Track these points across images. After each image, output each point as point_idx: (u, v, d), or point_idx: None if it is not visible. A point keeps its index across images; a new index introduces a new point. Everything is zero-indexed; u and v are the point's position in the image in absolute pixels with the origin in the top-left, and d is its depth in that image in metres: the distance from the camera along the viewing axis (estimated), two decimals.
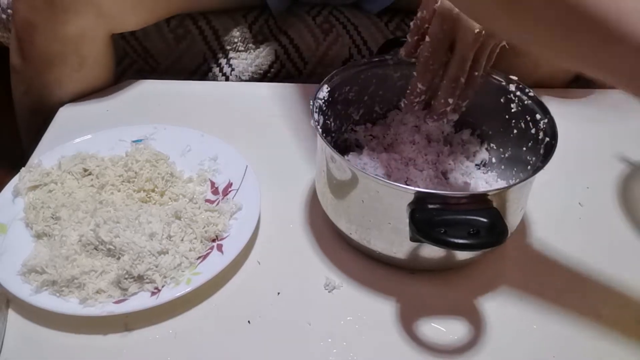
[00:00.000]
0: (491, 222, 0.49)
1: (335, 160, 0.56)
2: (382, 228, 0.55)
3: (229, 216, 0.63)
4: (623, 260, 0.63)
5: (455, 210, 0.50)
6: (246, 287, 0.59)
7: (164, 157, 0.68)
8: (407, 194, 0.51)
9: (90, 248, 0.57)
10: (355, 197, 0.56)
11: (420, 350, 0.54)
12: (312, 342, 0.54)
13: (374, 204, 0.54)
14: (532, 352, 0.54)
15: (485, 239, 0.48)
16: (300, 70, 0.91)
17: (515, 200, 0.55)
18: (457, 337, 0.55)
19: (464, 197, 0.51)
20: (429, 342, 0.54)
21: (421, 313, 0.56)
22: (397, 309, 0.57)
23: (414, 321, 0.56)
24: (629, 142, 0.77)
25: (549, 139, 0.58)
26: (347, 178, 0.55)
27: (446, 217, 0.49)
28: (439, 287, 0.59)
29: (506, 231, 0.48)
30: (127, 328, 0.54)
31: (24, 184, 0.64)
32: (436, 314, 0.56)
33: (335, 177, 0.57)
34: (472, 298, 0.58)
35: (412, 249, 0.55)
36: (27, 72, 0.80)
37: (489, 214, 0.49)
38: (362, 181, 0.54)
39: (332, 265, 0.61)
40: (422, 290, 0.58)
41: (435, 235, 0.48)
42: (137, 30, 0.89)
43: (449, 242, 0.48)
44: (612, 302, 0.58)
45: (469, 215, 0.49)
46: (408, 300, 0.58)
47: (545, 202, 0.68)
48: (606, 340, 0.55)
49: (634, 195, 0.70)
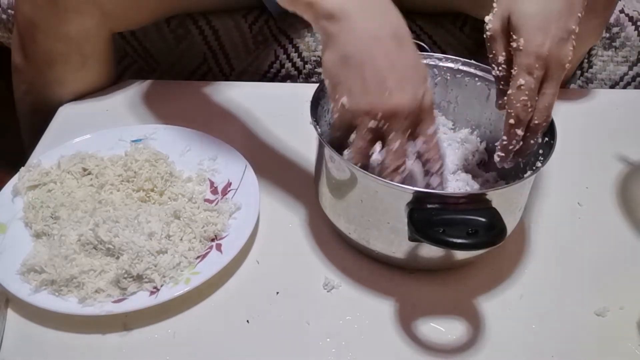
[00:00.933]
0: (490, 221, 0.49)
1: (335, 160, 0.56)
2: (381, 228, 0.55)
3: (228, 216, 0.63)
4: (622, 260, 0.63)
5: (453, 210, 0.50)
6: (245, 286, 0.59)
7: (164, 157, 0.68)
8: (406, 194, 0.51)
9: (89, 247, 0.57)
10: (354, 197, 0.56)
11: (419, 349, 0.54)
12: (311, 342, 0.54)
13: (373, 203, 0.54)
14: (531, 352, 0.54)
15: (484, 239, 0.48)
16: (300, 70, 0.91)
17: (513, 200, 0.55)
18: (456, 336, 0.55)
19: (462, 197, 0.51)
20: (428, 341, 0.54)
21: (420, 313, 0.56)
22: (395, 309, 0.57)
23: (413, 321, 0.56)
24: (628, 142, 0.77)
25: (547, 139, 0.58)
26: (346, 178, 0.55)
27: (445, 217, 0.50)
28: (438, 287, 0.59)
29: (505, 231, 0.48)
30: (126, 327, 0.54)
31: (23, 184, 0.64)
32: (435, 313, 0.56)
33: (334, 177, 0.57)
34: (470, 298, 0.58)
35: (410, 248, 0.55)
36: (28, 71, 0.80)
37: (487, 214, 0.49)
38: (361, 181, 0.54)
39: (331, 265, 0.61)
40: (421, 290, 0.58)
41: (433, 235, 0.48)
42: (137, 31, 0.89)
43: (448, 242, 0.48)
44: (612, 301, 0.58)
45: (467, 215, 0.49)
46: (407, 299, 0.58)
47: (544, 202, 0.68)
48: (606, 340, 0.55)
49: (633, 195, 0.70)
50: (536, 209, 0.67)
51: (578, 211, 0.68)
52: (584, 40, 0.81)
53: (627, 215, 0.67)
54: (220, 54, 0.91)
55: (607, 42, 0.92)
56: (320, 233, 0.64)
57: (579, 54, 0.85)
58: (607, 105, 0.85)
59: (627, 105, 0.85)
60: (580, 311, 0.57)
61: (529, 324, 0.56)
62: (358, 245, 0.60)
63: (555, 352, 0.54)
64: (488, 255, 0.61)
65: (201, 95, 0.84)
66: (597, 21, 0.78)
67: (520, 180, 0.54)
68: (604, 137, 0.79)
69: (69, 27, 0.73)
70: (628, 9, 0.91)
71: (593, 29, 0.79)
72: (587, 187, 0.71)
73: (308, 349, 0.54)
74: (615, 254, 0.63)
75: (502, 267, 0.61)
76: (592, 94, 0.87)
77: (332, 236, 0.63)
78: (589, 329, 0.56)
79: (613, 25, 0.91)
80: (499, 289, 0.59)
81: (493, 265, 0.61)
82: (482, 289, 0.59)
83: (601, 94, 0.88)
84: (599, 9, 0.77)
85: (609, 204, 0.69)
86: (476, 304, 0.57)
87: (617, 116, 0.83)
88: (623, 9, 0.90)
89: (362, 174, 0.53)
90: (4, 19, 0.88)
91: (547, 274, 0.61)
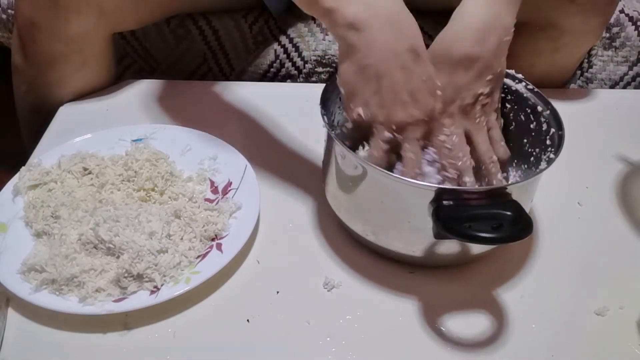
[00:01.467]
0: (515, 214, 0.49)
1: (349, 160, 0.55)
2: (401, 228, 0.56)
3: (229, 215, 0.63)
4: (622, 259, 0.63)
5: (477, 205, 0.51)
6: (245, 286, 0.59)
7: (164, 157, 0.68)
8: (429, 192, 0.51)
9: (89, 247, 0.57)
10: (373, 198, 0.56)
11: (418, 349, 0.54)
12: (311, 341, 0.54)
13: (393, 204, 0.54)
14: (531, 351, 0.54)
15: (511, 232, 0.49)
16: (300, 70, 0.91)
17: (529, 193, 0.56)
18: (457, 336, 0.55)
19: (484, 192, 0.52)
20: (428, 340, 0.54)
21: (419, 312, 0.57)
22: (395, 308, 0.57)
23: (412, 320, 0.56)
24: (628, 142, 0.77)
25: (554, 130, 0.58)
26: (364, 179, 0.55)
27: (471, 213, 0.50)
28: (437, 286, 0.59)
29: (531, 223, 0.49)
30: (127, 327, 0.54)
31: (24, 183, 0.64)
32: (435, 312, 0.56)
33: (350, 179, 0.57)
34: (471, 297, 0.58)
35: (430, 246, 0.56)
36: (29, 71, 0.80)
37: (511, 207, 0.50)
38: (382, 181, 0.54)
39: (331, 264, 0.61)
40: (420, 289, 0.58)
41: (462, 230, 0.49)
42: (138, 31, 0.89)
43: (478, 237, 0.48)
44: (612, 301, 0.58)
45: (491, 209, 0.50)
46: (406, 299, 0.58)
47: (544, 202, 0.68)
48: (605, 340, 0.55)
49: (633, 195, 0.70)
50: (536, 209, 0.67)
51: (578, 211, 0.68)
52: (584, 40, 0.81)
53: (627, 215, 0.67)
54: (220, 54, 0.91)
55: (607, 42, 0.92)
56: (321, 232, 0.64)
57: (579, 54, 0.86)
58: (607, 105, 0.85)
59: (627, 105, 0.85)
60: (580, 311, 0.57)
61: (528, 323, 0.56)
62: (374, 247, 0.60)
63: (554, 351, 0.54)
64: (490, 256, 0.61)
65: (201, 94, 0.84)
66: (598, 21, 0.79)
67: (537, 173, 0.54)
68: (604, 137, 0.79)
69: (69, 27, 0.73)
70: (628, 9, 0.91)
71: (593, 29, 0.79)
72: (587, 187, 0.71)
73: (308, 348, 0.54)
74: (615, 253, 0.63)
75: (502, 267, 0.61)
76: (592, 94, 0.87)
77: (332, 236, 0.63)
78: (589, 329, 0.56)
79: (613, 25, 0.91)
80: (499, 288, 0.59)
81: (493, 265, 0.61)
82: (481, 289, 0.59)
83: (601, 94, 0.88)
84: (599, 9, 0.77)
85: (609, 204, 0.69)
86: (476, 305, 0.57)
87: (617, 116, 0.84)
88: (623, 9, 0.90)
89: (382, 174, 0.53)
90: (4, 19, 0.89)
91: (546, 274, 0.61)
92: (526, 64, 0.83)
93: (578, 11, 0.76)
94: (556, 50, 0.82)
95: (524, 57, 0.83)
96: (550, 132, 0.59)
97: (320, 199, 0.66)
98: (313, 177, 0.69)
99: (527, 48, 0.82)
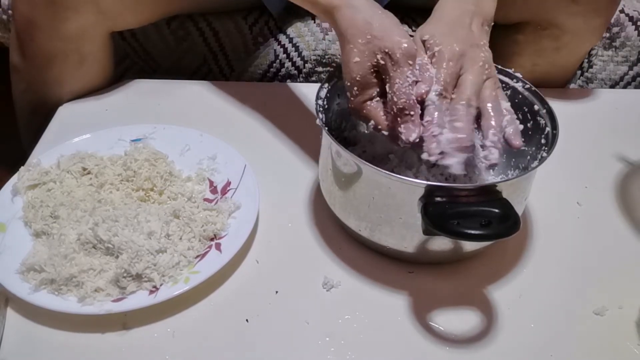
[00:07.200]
0: (503, 212, 0.49)
1: (342, 156, 0.56)
2: (393, 223, 0.56)
3: (228, 215, 0.63)
4: (621, 259, 0.63)
5: (466, 202, 0.51)
6: (244, 285, 0.59)
7: (163, 157, 0.68)
8: (419, 188, 0.51)
9: (88, 247, 0.57)
10: (366, 194, 0.56)
11: (417, 348, 0.54)
12: (310, 341, 0.54)
13: (385, 200, 0.55)
14: (530, 351, 0.54)
15: (499, 229, 0.49)
16: (300, 70, 0.91)
17: (521, 190, 0.56)
18: (455, 334, 0.55)
19: (474, 189, 0.52)
20: (427, 339, 0.54)
21: (418, 312, 0.56)
22: (394, 308, 0.57)
23: (412, 320, 0.56)
24: (628, 142, 0.77)
25: (549, 129, 0.58)
26: (357, 175, 0.55)
27: (459, 210, 0.50)
28: (436, 284, 0.59)
29: (519, 220, 0.49)
30: (126, 327, 0.54)
31: (23, 183, 0.64)
32: (434, 310, 0.56)
33: (344, 175, 0.57)
34: (469, 296, 0.58)
35: (422, 242, 0.56)
36: (27, 70, 0.80)
37: (500, 205, 0.50)
38: (373, 177, 0.54)
39: (330, 264, 0.61)
40: (420, 289, 0.58)
41: (450, 227, 0.49)
42: (138, 32, 0.89)
43: (465, 234, 0.48)
44: (611, 301, 0.58)
45: (480, 206, 0.50)
46: (405, 298, 0.58)
47: (543, 202, 0.68)
48: (605, 340, 0.55)
49: (632, 195, 0.70)
50: (536, 209, 0.67)
51: (577, 211, 0.68)
52: (585, 40, 0.81)
53: (627, 215, 0.67)
54: (220, 55, 0.91)
55: (607, 42, 0.92)
56: (320, 232, 0.64)
57: (580, 54, 0.86)
58: (607, 105, 0.85)
59: (627, 105, 0.85)
60: (579, 310, 0.57)
61: (527, 323, 0.56)
62: (368, 242, 0.60)
63: (554, 351, 0.54)
64: (487, 254, 0.61)
65: (201, 94, 0.84)
66: (599, 21, 0.79)
67: (528, 171, 0.55)
68: (603, 137, 0.79)
69: (67, 25, 0.73)
70: (628, 9, 0.91)
71: (594, 29, 0.79)
72: (587, 187, 0.71)
73: (307, 348, 0.54)
74: (615, 253, 0.63)
75: (501, 267, 0.61)
76: (592, 94, 0.87)
77: (331, 235, 0.63)
78: (588, 328, 0.56)
79: (613, 25, 0.91)
80: (499, 288, 0.59)
81: (492, 265, 0.61)
82: (481, 288, 0.59)
83: (601, 94, 0.88)
84: (601, 9, 0.77)
85: (609, 204, 0.69)
86: (475, 303, 0.57)
87: (617, 116, 0.84)
88: (623, 9, 0.90)
89: (374, 170, 0.53)
90: (4, 19, 0.89)
91: (546, 273, 0.61)
92: (528, 63, 0.83)
93: (580, 11, 0.76)
94: (558, 50, 0.82)
95: (525, 56, 0.83)
96: (546, 130, 0.59)
97: (319, 199, 0.66)
98: (312, 177, 0.70)
99: (529, 47, 0.82)
